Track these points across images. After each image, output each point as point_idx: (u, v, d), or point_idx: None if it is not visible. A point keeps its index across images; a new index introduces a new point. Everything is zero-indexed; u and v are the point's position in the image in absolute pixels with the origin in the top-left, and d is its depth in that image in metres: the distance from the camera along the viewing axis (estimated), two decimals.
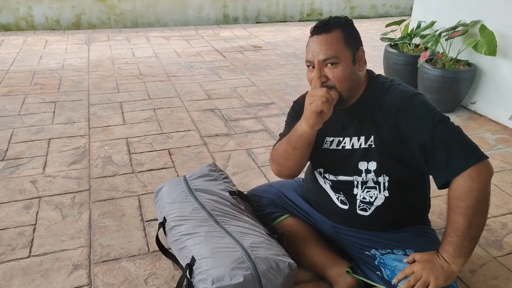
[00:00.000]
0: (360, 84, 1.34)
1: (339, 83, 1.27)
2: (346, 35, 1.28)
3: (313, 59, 1.27)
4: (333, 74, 1.27)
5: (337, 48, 1.25)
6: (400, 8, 7.37)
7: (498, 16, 2.92)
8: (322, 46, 1.26)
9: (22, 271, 1.57)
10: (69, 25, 5.81)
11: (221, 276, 1.24)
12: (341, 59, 1.26)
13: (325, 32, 1.26)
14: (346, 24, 1.30)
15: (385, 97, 1.31)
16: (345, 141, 1.39)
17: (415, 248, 1.35)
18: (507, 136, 2.81)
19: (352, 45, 1.29)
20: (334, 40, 1.26)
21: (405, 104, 1.27)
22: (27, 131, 2.71)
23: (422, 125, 1.24)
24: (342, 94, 1.29)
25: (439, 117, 1.25)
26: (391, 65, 3.53)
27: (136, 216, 1.90)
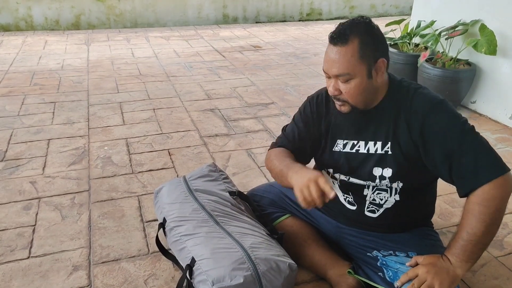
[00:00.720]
0: (379, 92, 1.30)
1: (352, 98, 1.26)
2: (363, 46, 1.21)
3: (328, 71, 1.26)
4: (346, 90, 1.25)
5: (351, 64, 1.21)
6: (399, 7, 7.36)
7: (498, 15, 2.91)
8: (336, 61, 1.22)
9: (22, 272, 1.56)
10: (69, 25, 5.81)
11: (221, 277, 1.24)
12: (355, 75, 1.22)
13: (341, 43, 1.21)
14: (366, 32, 1.23)
15: (410, 102, 1.27)
16: (359, 144, 1.37)
17: (417, 250, 1.35)
18: (507, 136, 2.80)
19: (368, 57, 1.22)
20: (349, 54, 1.20)
21: (433, 110, 1.24)
22: (27, 131, 2.71)
23: (451, 132, 1.21)
24: (357, 106, 1.28)
25: (468, 126, 1.23)
26: (391, 64, 3.47)
27: (136, 216, 1.89)
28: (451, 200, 2.06)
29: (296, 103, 3.21)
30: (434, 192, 1.48)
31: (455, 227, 1.84)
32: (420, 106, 1.26)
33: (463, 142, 1.20)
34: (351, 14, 7.08)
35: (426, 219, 1.51)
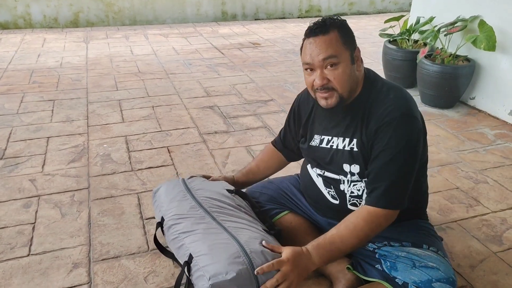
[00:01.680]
0: (358, 84, 1.34)
1: (340, 84, 1.28)
2: (343, 35, 1.28)
3: (313, 61, 1.27)
4: (334, 76, 1.27)
5: (336, 48, 1.25)
6: (398, 3, 7.35)
7: (497, 11, 2.91)
8: (321, 47, 1.25)
9: (22, 270, 1.57)
10: (67, 23, 5.79)
11: (217, 272, 1.24)
12: (341, 59, 1.26)
13: (322, 33, 1.26)
14: (342, 24, 1.30)
15: (377, 106, 1.30)
16: (333, 140, 1.41)
17: (412, 240, 1.36)
18: (506, 131, 2.80)
19: (349, 44, 1.29)
20: (333, 40, 1.26)
21: (390, 122, 1.26)
22: (26, 129, 2.71)
23: (389, 150, 1.26)
24: (343, 95, 1.30)
25: (405, 153, 1.26)
26: (390, 61, 3.53)
27: (136, 214, 1.89)
28: (450, 196, 2.07)
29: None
30: (418, 183, 1.46)
31: (455, 223, 1.85)
32: (383, 114, 1.28)
33: (390, 164, 1.26)
34: (350, 11, 7.07)
35: (417, 211, 1.50)
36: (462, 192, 2.10)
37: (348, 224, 1.28)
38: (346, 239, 1.26)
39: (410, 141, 1.26)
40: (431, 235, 1.42)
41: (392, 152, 1.25)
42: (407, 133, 1.26)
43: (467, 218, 1.90)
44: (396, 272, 1.27)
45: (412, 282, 1.22)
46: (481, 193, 2.09)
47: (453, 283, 1.23)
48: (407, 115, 1.27)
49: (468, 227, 1.84)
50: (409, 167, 1.27)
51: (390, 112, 1.27)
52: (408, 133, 1.26)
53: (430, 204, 1.97)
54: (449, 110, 3.14)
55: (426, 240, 1.36)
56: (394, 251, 1.34)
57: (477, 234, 1.79)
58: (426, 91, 3.18)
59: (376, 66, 4.10)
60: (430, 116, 3.03)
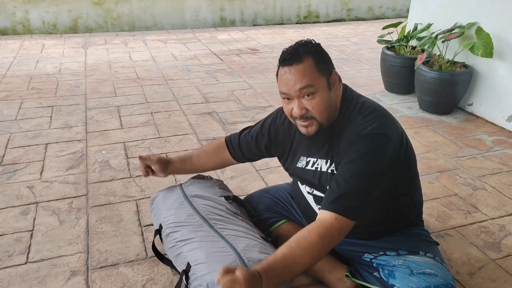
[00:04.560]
0: (336, 108, 1.32)
1: (319, 113, 1.26)
2: (318, 62, 1.25)
3: (289, 91, 1.26)
4: (312, 106, 1.25)
5: (311, 77, 1.23)
6: (396, 10, 7.39)
7: (495, 18, 2.93)
8: (297, 77, 1.23)
9: (20, 278, 1.56)
10: (66, 29, 5.80)
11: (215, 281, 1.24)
12: (317, 88, 1.24)
13: (296, 62, 1.24)
14: (316, 50, 1.27)
15: (348, 126, 1.29)
16: (318, 162, 1.40)
17: (407, 248, 1.36)
18: (504, 138, 2.81)
19: (325, 70, 1.26)
20: (307, 69, 1.23)
21: (355, 141, 1.25)
22: (24, 136, 2.71)
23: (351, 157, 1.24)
24: (323, 123, 1.28)
25: (366, 164, 1.22)
26: (388, 67, 3.54)
27: (134, 221, 1.89)
28: (448, 203, 2.07)
29: None
30: (408, 196, 1.44)
31: (453, 230, 1.86)
32: (352, 131, 1.27)
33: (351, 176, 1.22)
34: (348, 17, 7.10)
35: (411, 220, 1.49)
36: (461, 198, 2.10)
37: (301, 241, 1.17)
38: (299, 259, 1.15)
39: (371, 155, 1.23)
40: (427, 241, 1.42)
41: (352, 164, 1.23)
42: (371, 148, 1.23)
43: (466, 225, 1.90)
44: (394, 280, 1.27)
45: None
46: (480, 200, 2.09)
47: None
48: (373, 133, 1.24)
49: (466, 234, 1.84)
50: (371, 183, 1.23)
51: (358, 131, 1.25)
52: (372, 149, 1.23)
53: (429, 211, 1.98)
54: (447, 116, 3.15)
55: (422, 247, 1.36)
56: (391, 260, 1.34)
57: (475, 241, 1.79)
58: (424, 97, 3.19)
59: (374, 72, 4.12)
60: (428, 122, 3.04)
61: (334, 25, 6.70)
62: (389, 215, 1.40)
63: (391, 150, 1.26)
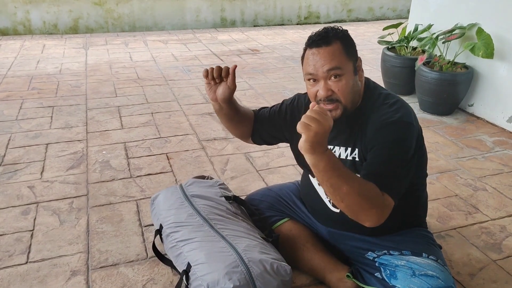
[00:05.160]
0: (360, 95, 1.34)
1: (344, 96, 1.26)
2: (346, 46, 1.27)
3: (316, 71, 1.25)
4: (338, 88, 1.25)
5: (340, 59, 1.24)
6: (397, 11, 7.39)
7: (495, 18, 2.93)
8: (325, 58, 1.24)
9: (20, 278, 1.56)
10: (67, 29, 5.81)
11: (215, 281, 1.24)
12: (345, 71, 1.25)
13: (325, 44, 1.25)
14: (344, 35, 1.29)
15: (373, 114, 1.31)
16: (335, 149, 1.40)
17: (411, 248, 1.36)
18: (505, 139, 2.81)
19: (352, 55, 1.28)
20: (337, 51, 1.24)
21: (384, 127, 1.26)
22: (25, 136, 2.71)
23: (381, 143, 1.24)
24: (347, 107, 1.28)
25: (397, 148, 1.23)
26: (388, 68, 3.54)
27: (134, 221, 1.89)
28: (449, 203, 2.07)
29: None
30: (417, 194, 1.45)
31: (454, 231, 1.85)
32: (377, 120, 1.28)
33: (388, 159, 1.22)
34: (349, 17, 7.10)
35: (416, 220, 1.50)
36: (461, 199, 2.10)
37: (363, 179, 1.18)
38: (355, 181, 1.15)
39: (403, 141, 1.24)
40: (431, 244, 1.42)
41: (386, 149, 1.23)
42: (400, 134, 1.25)
43: (466, 225, 1.90)
44: (396, 281, 1.27)
45: None
46: (480, 201, 2.09)
47: None
48: (402, 121, 1.26)
49: (467, 234, 1.84)
50: (402, 163, 1.24)
51: (386, 118, 1.27)
52: (401, 134, 1.25)
53: (429, 212, 1.97)
54: (448, 117, 3.15)
55: (425, 249, 1.36)
56: (393, 259, 1.34)
57: (476, 241, 1.79)
58: (424, 98, 3.19)
59: (374, 73, 4.12)
60: (428, 123, 3.04)
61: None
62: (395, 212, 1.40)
63: (415, 139, 1.28)
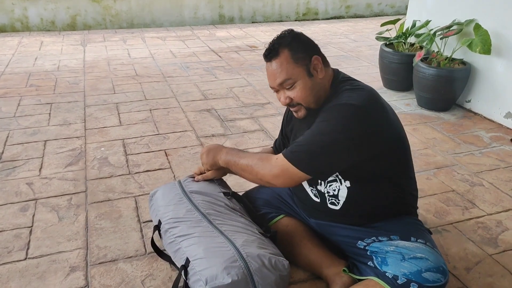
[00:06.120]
0: (325, 88, 1.39)
1: (302, 100, 1.35)
2: (294, 52, 1.33)
3: (272, 85, 1.37)
4: (294, 95, 1.35)
5: (288, 70, 1.32)
6: (395, 7, 7.39)
7: (493, 15, 2.93)
8: (275, 72, 1.33)
9: (19, 274, 1.57)
10: (64, 26, 5.80)
11: (213, 276, 1.25)
12: (296, 78, 1.33)
13: (273, 57, 1.34)
14: (293, 40, 1.35)
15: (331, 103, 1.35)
16: None
17: (399, 234, 1.36)
18: (502, 134, 2.82)
19: (302, 59, 1.33)
20: (284, 62, 1.32)
21: (332, 107, 1.31)
22: (23, 133, 2.71)
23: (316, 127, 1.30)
24: (310, 106, 1.37)
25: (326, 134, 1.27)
26: (386, 64, 3.55)
27: (133, 217, 1.90)
28: (446, 198, 2.08)
29: None
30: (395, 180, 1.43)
31: (450, 226, 1.87)
32: (332, 103, 1.33)
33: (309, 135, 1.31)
34: (347, 14, 7.10)
35: (405, 209, 1.48)
36: (458, 194, 2.12)
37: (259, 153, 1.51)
38: (245, 157, 1.43)
39: (337, 120, 1.26)
40: (419, 229, 1.43)
41: (315, 125, 1.30)
42: (339, 115, 1.27)
43: (463, 220, 1.91)
44: (387, 267, 1.27)
45: (402, 275, 1.22)
46: (477, 196, 2.10)
47: (444, 272, 1.23)
48: (347, 103, 1.27)
49: (464, 229, 1.85)
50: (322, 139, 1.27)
51: (336, 101, 1.31)
52: (340, 115, 1.27)
53: (426, 207, 1.99)
54: (445, 113, 3.16)
55: (414, 233, 1.37)
56: (383, 246, 1.34)
57: (472, 236, 1.81)
58: (422, 94, 3.19)
59: (372, 69, 4.13)
60: (426, 119, 3.05)
61: (333, 22, 6.70)
62: (375, 199, 1.42)
63: (365, 123, 1.27)
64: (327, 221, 1.51)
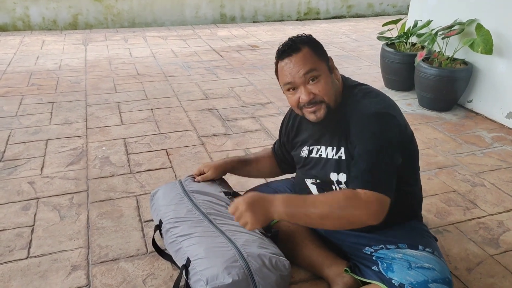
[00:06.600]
0: (339, 93, 1.38)
1: (326, 95, 1.31)
2: (314, 49, 1.32)
3: (293, 79, 1.30)
4: (319, 89, 1.30)
5: (313, 62, 1.30)
6: (397, 7, 7.37)
7: (494, 15, 2.93)
8: (299, 64, 1.29)
9: (21, 273, 1.57)
10: (66, 25, 5.80)
11: (214, 276, 1.25)
12: (320, 71, 1.30)
13: (295, 52, 1.30)
14: (310, 40, 1.35)
15: (354, 112, 1.33)
16: (321, 149, 1.44)
17: (407, 242, 1.36)
18: (503, 134, 2.82)
19: (323, 56, 1.33)
20: (307, 55, 1.30)
21: (362, 120, 1.29)
22: (25, 132, 2.71)
23: (364, 137, 1.27)
24: (331, 105, 1.33)
25: (382, 147, 1.25)
26: (388, 64, 3.54)
27: (134, 216, 1.90)
28: (447, 199, 2.08)
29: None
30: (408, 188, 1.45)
31: (452, 226, 1.87)
32: (360, 114, 1.30)
33: (367, 155, 1.24)
34: (349, 13, 7.09)
35: (411, 213, 1.50)
36: (459, 195, 2.11)
37: (329, 194, 1.27)
38: (319, 204, 1.21)
39: (384, 133, 1.26)
40: (426, 236, 1.43)
41: (366, 144, 1.26)
42: (380, 126, 1.27)
43: (464, 221, 1.91)
44: (393, 273, 1.28)
45: (408, 283, 1.22)
46: (478, 196, 2.10)
47: (449, 283, 1.24)
48: (380, 113, 1.29)
49: (465, 230, 1.85)
50: (389, 158, 1.25)
51: (366, 111, 1.30)
52: (381, 126, 1.27)
53: (428, 207, 1.99)
54: (447, 113, 3.16)
55: (421, 241, 1.37)
56: (390, 253, 1.35)
57: (474, 237, 1.80)
58: (423, 94, 3.19)
59: (374, 69, 4.12)
60: (427, 119, 3.04)
61: (334, 22, 6.69)
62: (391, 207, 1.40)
63: (397, 129, 1.30)
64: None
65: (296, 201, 1.25)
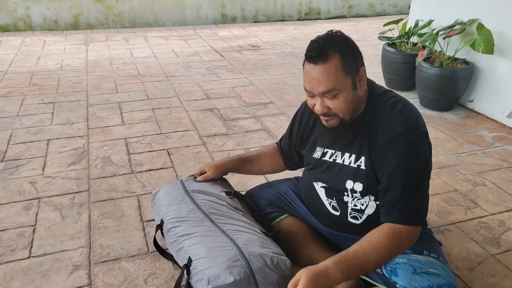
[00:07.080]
0: (361, 103, 1.31)
1: (341, 112, 1.25)
2: (345, 60, 1.20)
3: (312, 90, 1.23)
4: (335, 106, 1.23)
5: (336, 79, 1.19)
6: (398, 6, 7.37)
7: (495, 14, 2.93)
8: (321, 79, 1.19)
9: (22, 272, 1.57)
10: (67, 25, 5.81)
11: (216, 275, 1.25)
12: (342, 89, 1.21)
13: (322, 61, 1.18)
14: (344, 46, 1.21)
15: (382, 123, 1.28)
16: (336, 154, 1.40)
17: (412, 247, 1.36)
18: (505, 134, 2.82)
19: (351, 70, 1.22)
20: (333, 70, 1.18)
21: (397, 138, 1.24)
22: (26, 132, 2.72)
23: (399, 167, 1.23)
24: (345, 119, 1.27)
25: (416, 169, 1.24)
26: (389, 63, 3.54)
27: (136, 216, 1.90)
28: (448, 198, 2.08)
29: (295, 102, 3.22)
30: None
31: (453, 226, 1.87)
32: (388, 130, 1.26)
33: (402, 181, 1.23)
34: (350, 13, 7.09)
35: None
36: (461, 194, 2.11)
37: (371, 240, 1.21)
38: (369, 255, 1.18)
39: (418, 155, 1.23)
40: (431, 241, 1.41)
41: (403, 170, 1.22)
42: (414, 148, 1.23)
43: (466, 220, 1.91)
44: (397, 277, 1.26)
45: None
46: (480, 196, 2.10)
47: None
48: (412, 129, 1.24)
49: (466, 229, 1.85)
50: (422, 182, 1.25)
51: (395, 128, 1.24)
52: (415, 148, 1.24)
53: (429, 207, 1.97)
54: (448, 113, 3.16)
55: (426, 246, 1.36)
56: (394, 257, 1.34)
57: (475, 236, 1.80)
58: (425, 94, 3.19)
59: (375, 69, 4.12)
60: (429, 118, 3.04)
61: (335, 22, 6.69)
62: None
63: (427, 144, 1.28)
64: (342, 232, 1.48)
65: (348, 262, 1.16)
